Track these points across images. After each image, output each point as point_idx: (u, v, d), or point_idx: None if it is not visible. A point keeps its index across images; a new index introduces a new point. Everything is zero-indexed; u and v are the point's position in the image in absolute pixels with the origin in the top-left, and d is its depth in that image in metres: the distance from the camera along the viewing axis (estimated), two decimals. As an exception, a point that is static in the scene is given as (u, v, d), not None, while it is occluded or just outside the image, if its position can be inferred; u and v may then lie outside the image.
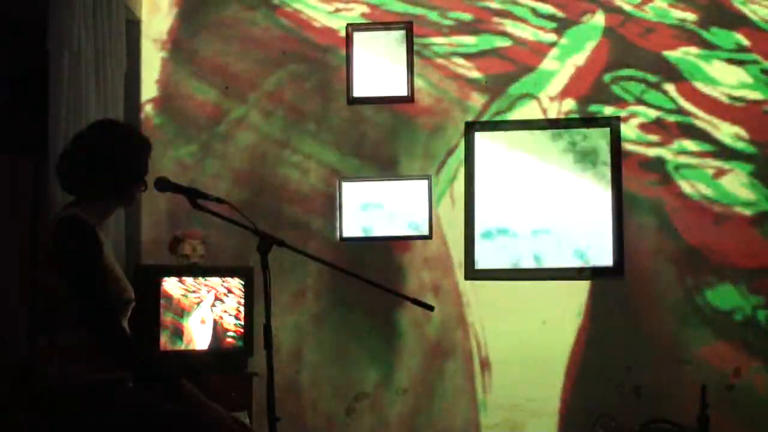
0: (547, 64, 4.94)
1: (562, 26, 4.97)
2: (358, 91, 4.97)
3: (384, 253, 4.89)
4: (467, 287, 4.85)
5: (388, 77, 4.98)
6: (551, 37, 4.96)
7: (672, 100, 4.86)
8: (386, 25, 5.01)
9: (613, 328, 4.76)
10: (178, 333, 4.33)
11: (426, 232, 4.89)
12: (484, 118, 4.91)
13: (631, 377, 4.73)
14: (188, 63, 5.09)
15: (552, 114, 4.90)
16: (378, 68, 4.99)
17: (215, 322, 4.40)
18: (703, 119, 4.84)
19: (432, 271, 4.88)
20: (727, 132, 4.82)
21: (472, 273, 4.85)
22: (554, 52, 4.94)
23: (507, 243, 4.86)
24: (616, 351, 4.75)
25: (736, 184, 4.78)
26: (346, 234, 4.93)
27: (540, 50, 4.95)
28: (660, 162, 4.83)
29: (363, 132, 4.98)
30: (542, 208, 4.85)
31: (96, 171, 2.84)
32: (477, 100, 4.93)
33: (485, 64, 4.96)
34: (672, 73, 4.87)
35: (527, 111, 4.92)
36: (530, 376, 4.76)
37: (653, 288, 4.76)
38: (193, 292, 4.37)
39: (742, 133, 4.82)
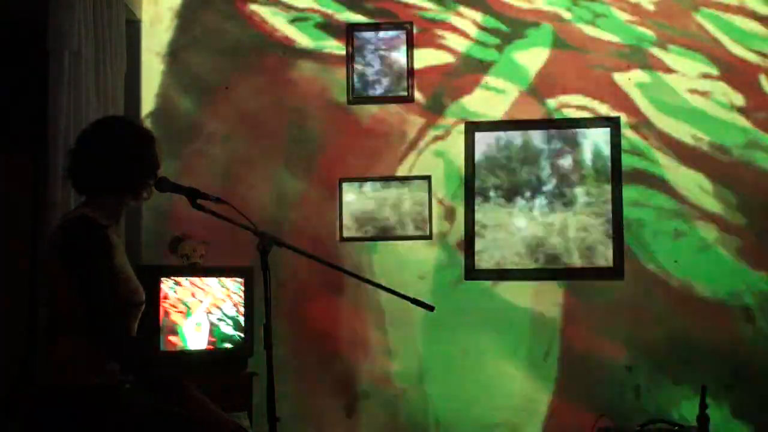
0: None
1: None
2: (359, 91, 4.97)
3: (384, 253, 4.90)
4: (466, 287, 4.85)
5: (388, 77, 5.00)
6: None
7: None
8: (386, 25, 5.02)
9: (613, 328, 4.76)
10: (177, 333, 4.33)
11: (426, 232, 4.89)
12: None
13: (631, 377, 4.73)
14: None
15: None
16: (378, 68, 5.00)
17: (215, 323, 4.40)
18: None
19: (431, 270, 4.88)
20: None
21: (472, 273, 4.84)
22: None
23: (506, 243, 4.86)
24: (616, 351, 4.75)
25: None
26: (346, 234, 4.93)
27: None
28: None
29: (364, 134, 4.98)
30: (542, 208, 4.85)
31: (110, 166, 2.80)
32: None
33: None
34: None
35: (526, 111, 4.93)
36: (530, 376, 4.77)
37: (653, 288, 4.76)
38: (193, 293, 4.37)
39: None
